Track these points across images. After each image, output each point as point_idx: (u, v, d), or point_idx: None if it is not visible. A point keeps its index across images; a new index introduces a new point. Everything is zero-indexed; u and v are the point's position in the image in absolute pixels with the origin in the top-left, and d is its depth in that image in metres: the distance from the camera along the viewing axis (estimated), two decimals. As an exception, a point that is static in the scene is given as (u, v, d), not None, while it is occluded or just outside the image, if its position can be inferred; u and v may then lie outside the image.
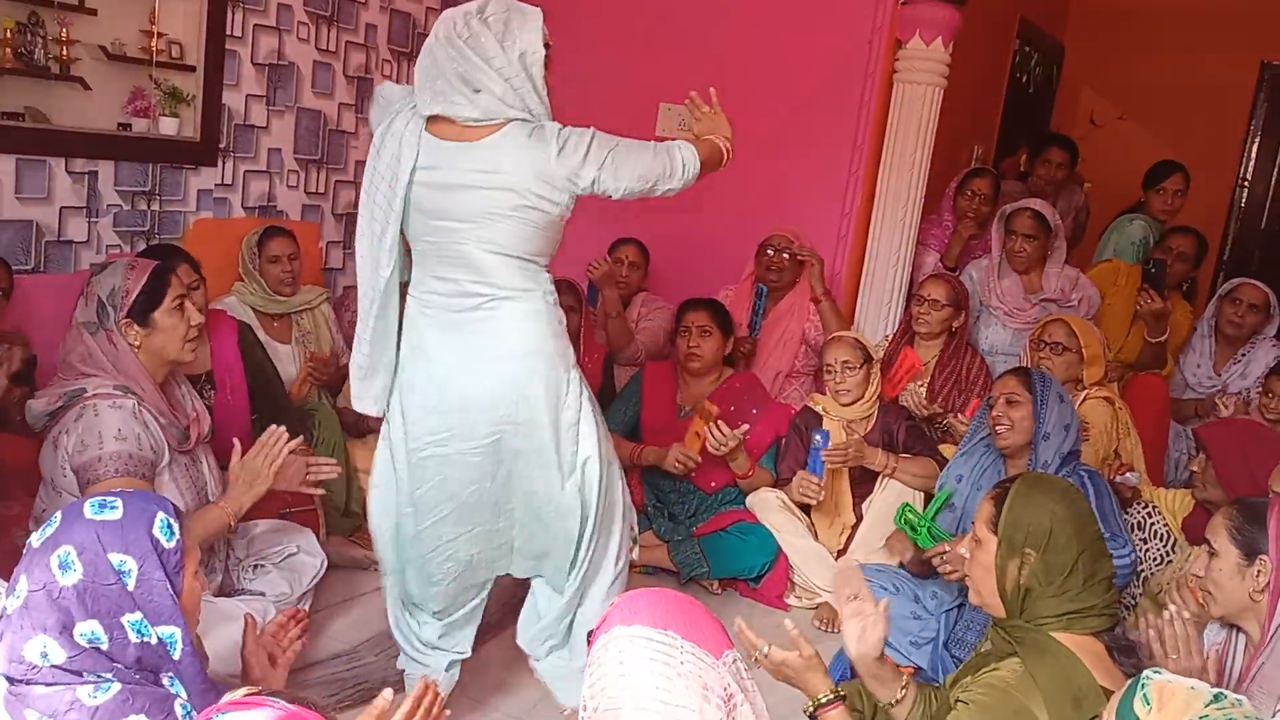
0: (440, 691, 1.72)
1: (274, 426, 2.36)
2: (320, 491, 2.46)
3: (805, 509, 3.32)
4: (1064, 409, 2.75)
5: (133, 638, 1.46)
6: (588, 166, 2.10)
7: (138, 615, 1.46)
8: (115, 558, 1.46)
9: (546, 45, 2.12)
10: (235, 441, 2.34)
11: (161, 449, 2.25)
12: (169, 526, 1.52)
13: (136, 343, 2.26)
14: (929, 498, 3.08)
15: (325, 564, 2.67)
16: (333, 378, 3.57)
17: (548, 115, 2.15)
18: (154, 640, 1.48)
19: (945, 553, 2.67)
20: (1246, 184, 6.33)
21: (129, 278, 2.27)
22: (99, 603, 1.44)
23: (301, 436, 2.40)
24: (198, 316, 2.35)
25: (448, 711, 1.70)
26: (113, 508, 1.50)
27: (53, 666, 1.42)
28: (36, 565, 1.45)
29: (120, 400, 2.20)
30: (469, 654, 2.46)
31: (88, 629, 1.43)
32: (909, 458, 3.22)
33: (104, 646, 1.44)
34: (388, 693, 1.46)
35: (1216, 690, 1.29)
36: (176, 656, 1.50)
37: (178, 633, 1.50)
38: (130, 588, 1.46)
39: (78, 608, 1.43)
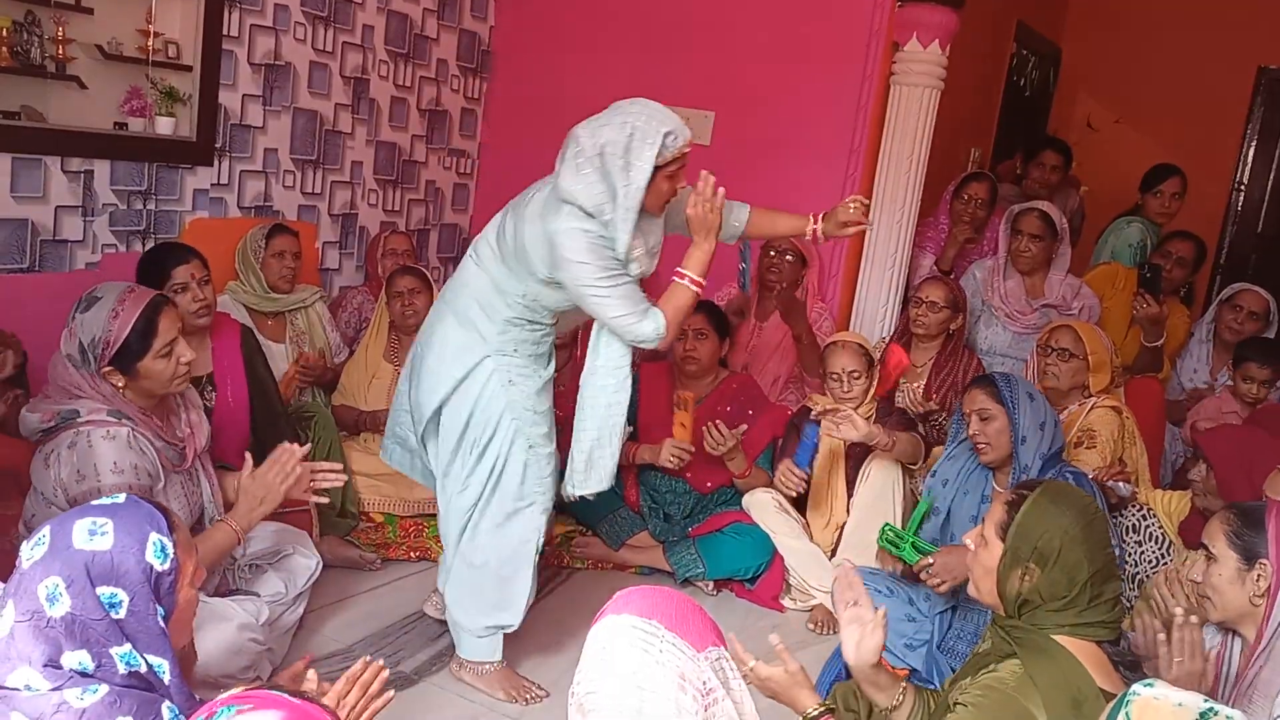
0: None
1: (286, 444, 2.31)
2: (325, 499, 2.43)
3: (801, 509, 3.32)
4: (1036, 407, 2.73)
5: (121, 668, 1.44)
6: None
7: (126, 648, 1.45)
8: (105, 591, 1.44)
9: None
10: (247, 456, 2.32)
11: (158, 472, 2.22)
12: (162, 548, 1.50)
13: (120, 384, 2.20)
14: (914, 503, 3.07)
15: (321, 565, 2.66)
16: (325, 376, 3.56)
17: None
18: (143, 668, 1.46)
19: (931, 564, 2.66)
20: (1243, 188, 6.34)
21: (111, 326, 2.16)
22: (88, 633, 1.42)
23: (309, 446, 2.36)
24: (188, 354, 2.27)
25: (390, 693, 1.69)
26: (103, 533, 1.46)
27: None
28: (24, 593, 1.42)
29: (114, 429, 2.15)
30: None
31: (75, 659, 1.42)
32: (899, 434, 3.21)
33: (91, 672, 1.43)
34: (310, 674, 1.51)
35: (1205, 706, 1.27)
36: (166, 680, 1.49)
37: (165, 664, 1.48)
38: (119, 617, 1.44)
39: (66, 639, 1.41)
